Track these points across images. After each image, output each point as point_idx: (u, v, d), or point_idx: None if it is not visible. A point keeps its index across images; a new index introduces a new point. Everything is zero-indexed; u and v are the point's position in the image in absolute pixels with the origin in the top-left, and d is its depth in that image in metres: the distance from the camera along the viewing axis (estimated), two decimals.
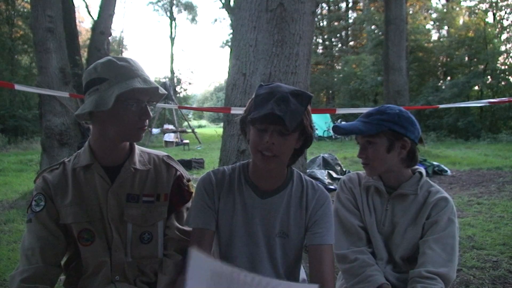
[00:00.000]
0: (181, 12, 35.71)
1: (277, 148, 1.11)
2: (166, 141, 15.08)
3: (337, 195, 1.47)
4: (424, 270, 1.23)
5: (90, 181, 1.23)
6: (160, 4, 34.47)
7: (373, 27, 21.37)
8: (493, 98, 15.31)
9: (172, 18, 34.46)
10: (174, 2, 34.22)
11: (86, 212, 1.21)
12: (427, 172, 6.74)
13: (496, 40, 18.47)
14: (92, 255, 1.22)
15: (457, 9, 21.49)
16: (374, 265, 1.32)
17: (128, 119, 1.17)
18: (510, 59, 18.61)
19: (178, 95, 30.48)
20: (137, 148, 1.33)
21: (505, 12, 19.54)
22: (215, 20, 50.44)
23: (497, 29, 19.02)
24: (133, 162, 1.27)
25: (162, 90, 1.19)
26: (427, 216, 1.33)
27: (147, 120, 1.21)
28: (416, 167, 1.42)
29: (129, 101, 1.15)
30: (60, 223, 1.21)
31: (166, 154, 1.40)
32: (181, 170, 1.36)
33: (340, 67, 25.56)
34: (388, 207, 1.38)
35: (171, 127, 16.99)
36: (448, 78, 20.20)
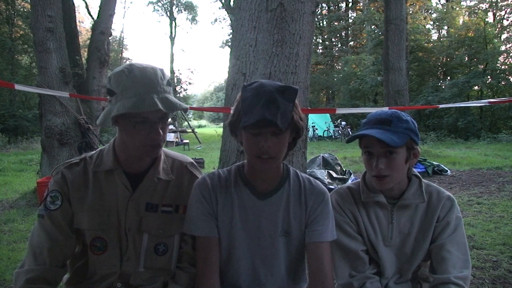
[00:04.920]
0: (181, 12, 35.72)
1: (273, 150, 1.10)
2: (166, 141, 15.08)
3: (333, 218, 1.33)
4: (453, 277, 1.21)
5: (111, 186, 1.19)
6: (160, 4, 34.50)
7: (373, 27, 21.36)
8: (493, 98, 15.32)
9: (172, 18, 34.45)
10: (174, 2, 34.21)
11: (102, 219, 1.17)
12: (427, 172, 6.76)
13: (496, 40, 18.47)
14: (102, 265, 1.18)
15: (457, 9, 21.49)
16: None
17: (136, 136, 1.10)
18: (510, 59, 18.62)
19: (178, 95, 30.49)
20: (163, 153, 1.27)
21: (505, 12, 19.55)
22: (215, 20, 50.30)
23: (497, 29, 19.02)
24: (157, 171, 1.23)
25: (175, 107, 1.08)
26: (437, 219, 1.30)
27: (159, 138, 1.12)
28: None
29: (132, 119, 1.08)
30: (73, 226, 1.18)
31: (191, 160, 1.35)
32: None
33: (340, 67, 25.55)
34: (393, 220, 1.31)
35: (171, 127, 16.99)
36: (448, 78, 20.20)
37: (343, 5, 27.94)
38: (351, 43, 28.00)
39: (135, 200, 1.20)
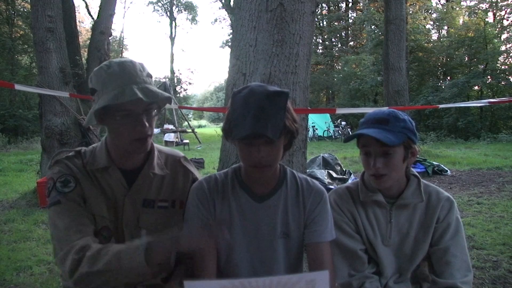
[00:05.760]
0: (181, 12, 35.72)
1: (267, 159, 1.10)
2: (166, 141, 15.07)
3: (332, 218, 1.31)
4: (459, 282, 1.23)
5: (107, 183, 1.19)
6: (160, 4, 34.50)
7: (373, 27, 21.35)
8: (493, 98, 15.30)
9: (172, 18, 34.47)
10: (174, 2, 34.21)
11: (106, 210, 1.16)
12: (427, 172, 6.75)
13: (496, 40, 18.45)
14: None
15: (457, 9, 21.48)
16: None
17: (122, 131, 1.10)
18: (510, 59, 18.62)
19: (178, 95, 30.48)
20: (156, 148, 1.27)
21: (505, 12, 19.54)
22: (215, 20, 50.32)
23: (497, 29, 19.00)
24: (152, 166, 1.23)
25: (156, 96, 1.07)
26: (437, 220, 1.30)
27: (145, 130, 1.11)
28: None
29: (115, 114, 1.08)
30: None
31: (183, 155, 1.35)
32: (196, 173, 1.32)
33: (340, 67, 25.54)
34: (392, 219, 1.31)
35: (171, 127, 16.98)
36: (448, 78, 20.19)
37: (343, 5, 27.92)
38: (351, 43, 27.98)
39: (131, 196, 1.20)
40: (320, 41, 28.12)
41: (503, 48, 18.65)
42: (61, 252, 1.05)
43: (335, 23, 27.18)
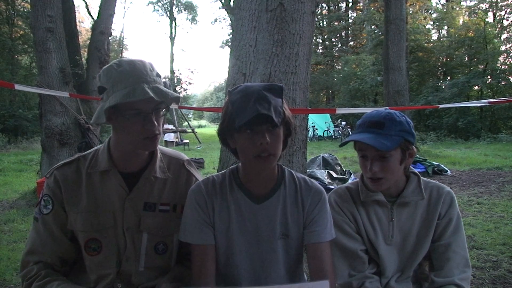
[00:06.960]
0: (181, 12, 35.77)
1: (271, 146, 1.09)
2: (166, 141, 15.06)
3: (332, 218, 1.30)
4: (457, 279, 1.23)
5: (106, 187, 1.18)
6: (160, 4, 34.53)
7: (373, 27, 21.37)
8: (493, 98, 15.30)
9: (172, 18, 34.50)
10: (174, 2, 34.24)
11: (97, 220, 1.17)
12: (427, 172, 6.75)
13: (496, 40, 18.47)
14: (97, 266, 1.18)
15: (457, 9, 21.49)
16: None
17: (131, 130, 1.10)
18: (510, 59, 18.60)
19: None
20: (159, 151, 1.26)
21: (505, 12, 19.55)
22: (215, 20, 50.39)
23: (497, 29, 19.01)
24: (154, 170, 1.22)
25: (166, 96, 1.08)
26: (438, 216, 1.30)
27: (154, 129, 1.11)
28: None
29: (125, 112, 1.08)
30: (67, 228, 1.19)
31: (187, 158, 1.34)
32: (199, 177, 1.30)
33: (340, 67, 25.54)
34: (394, 218, 1.31)
35: (171, 127, 16.98)
36: (448, 78, 20.20)
37: (343, 5, 27.93)
38: (351, 43, 27.99)
39: (132, 199, 1.19)
40: (320, 41, 28.12)
41: (503, 48, 18.67)
42: (21, 272, 1.18)
43: (335, 23, 27.18)
